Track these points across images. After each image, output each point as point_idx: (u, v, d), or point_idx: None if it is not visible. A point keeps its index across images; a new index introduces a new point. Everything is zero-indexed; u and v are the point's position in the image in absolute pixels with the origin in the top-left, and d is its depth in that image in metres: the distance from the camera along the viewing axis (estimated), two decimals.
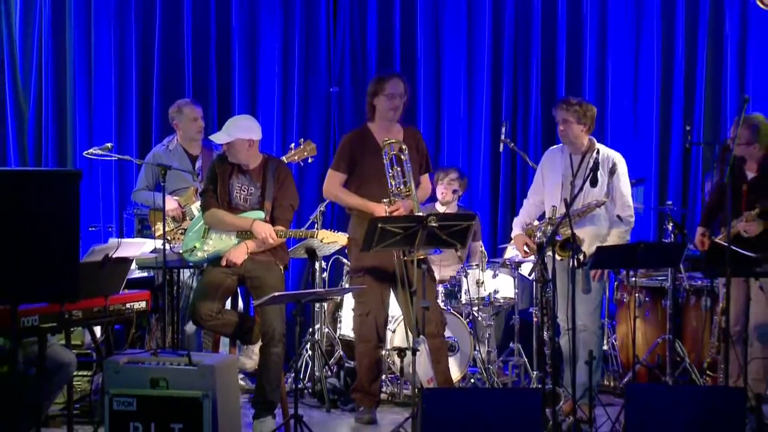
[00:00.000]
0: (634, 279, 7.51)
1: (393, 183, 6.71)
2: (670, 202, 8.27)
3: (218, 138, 6.59)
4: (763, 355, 6.77)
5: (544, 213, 6.97)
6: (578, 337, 6.67)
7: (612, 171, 6.73)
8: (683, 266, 7.46)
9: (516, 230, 6.99)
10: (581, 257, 6.37)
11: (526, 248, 6.90)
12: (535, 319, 7.47)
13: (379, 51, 8.91)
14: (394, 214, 6.55)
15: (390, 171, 6.73)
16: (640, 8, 8.95)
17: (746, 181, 6.81)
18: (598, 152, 6.75)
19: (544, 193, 6.92)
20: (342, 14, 8.88)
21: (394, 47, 8.92)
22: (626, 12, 8.97)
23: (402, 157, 6.73)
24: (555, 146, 7.14)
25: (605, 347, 7.88)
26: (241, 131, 6.54)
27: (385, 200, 6.65)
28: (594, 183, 6.57)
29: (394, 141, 6.76)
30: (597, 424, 6.44)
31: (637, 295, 7.51)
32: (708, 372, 7.39)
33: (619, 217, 6.81)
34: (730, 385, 6.56)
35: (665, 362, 7.37)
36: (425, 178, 7.04)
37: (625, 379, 7.51)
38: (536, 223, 7.02)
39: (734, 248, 6.29)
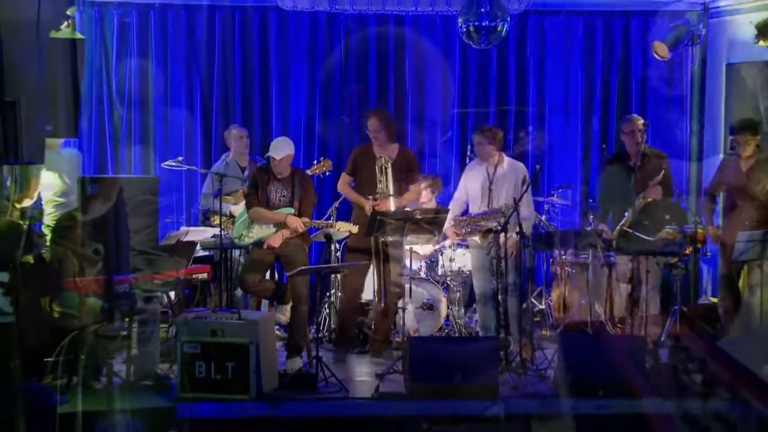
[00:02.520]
0: (564, 257, 7.54)
1: (380, 186, 6.89)
2: (591, 200, 8.29)
3: (284, 152, 6.62)
4: (654, 311, 6.85)
5: (465, 210, 7.07)
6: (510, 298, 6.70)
7: (524, 181, 6.82)
8: (600, 247, 7.49)
9: (446, 225, 6.96)
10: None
11: (455, 237, 7.01)
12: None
13: (378, 90, 8.90)
14: (376, 208, 6.74)
15: (379, 177, 6.88)
16: (567, 57, 8.98)
17: (635, 169, 6.80)
18: (505, 163, 6.89)
19: (468, 195, 7.03)
20: (351, 63, 8.85)
21: (389, 88, 8.90)
22: (557, 59, 8.98)
23: (388, 169, 6.88)
24: (472, 161, 7.25)
25: (542, 307, 7.94)
26: (292, 148, 6.71)
27: (370, 197, 6.83)
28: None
29: (383, 157, 6.91)
30: (537, 362, 6.49)
31: (566, 268, 7.54)
32: (618, 325, 7.44)
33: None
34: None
35: (587, 318, 7.41)
36: (414, 187, 7.12)
37: (558, 330, 7.55)
38: (461, 218, 7.02)
39: (638, 234, 6.37)
